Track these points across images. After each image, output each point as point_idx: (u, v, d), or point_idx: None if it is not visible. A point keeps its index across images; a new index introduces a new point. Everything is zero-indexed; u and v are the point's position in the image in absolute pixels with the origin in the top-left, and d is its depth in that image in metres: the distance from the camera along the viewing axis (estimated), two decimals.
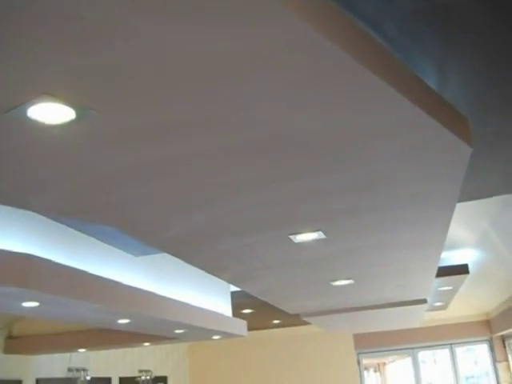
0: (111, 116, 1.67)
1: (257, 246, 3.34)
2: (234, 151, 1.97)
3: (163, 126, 1.75)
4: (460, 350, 11.27)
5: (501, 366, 10.33)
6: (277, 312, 7.58)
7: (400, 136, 1.89)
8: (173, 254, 3.38)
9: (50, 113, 1.63)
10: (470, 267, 6.66)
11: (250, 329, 6.88)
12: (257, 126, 1.78)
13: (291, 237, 3.17)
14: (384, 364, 14.49)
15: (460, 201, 3.35)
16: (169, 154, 1.96)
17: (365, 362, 11.28)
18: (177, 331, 5.34)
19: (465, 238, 6.20)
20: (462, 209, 4.86)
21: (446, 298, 8.28)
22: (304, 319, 7.24)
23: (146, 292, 4.20)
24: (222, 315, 5.64)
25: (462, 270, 6.56)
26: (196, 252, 3.32)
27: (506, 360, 10.32)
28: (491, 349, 10.62)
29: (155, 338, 5.96)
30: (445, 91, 2.28)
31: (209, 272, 3.94)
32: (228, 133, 1.80)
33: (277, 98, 1.61)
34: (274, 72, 1.50)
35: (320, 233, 3.12)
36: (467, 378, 12.66)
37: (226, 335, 6.13)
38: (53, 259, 3.18)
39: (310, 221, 2.95)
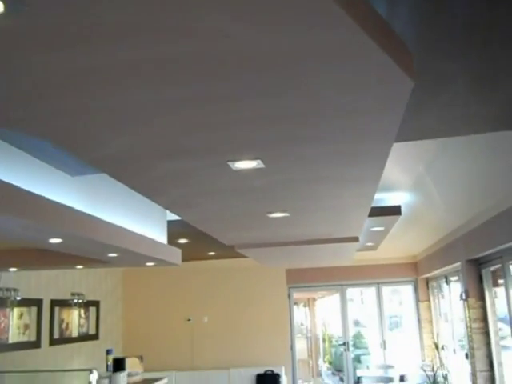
0: (45, 12, 1.57)
1: (194, 171, 3.32)
2: (169, 66, 1.91)
3: (101, 29, 1.66)
4: (386, 291, 11.81)
5: (423, 306, 10.92)
6: (212, 243, 7.66)
7: (340, 61, 1.87)
8: (108, 174, 3.31)
9: None
10: (403, 210, 6.89)
11: (185, 259, 6.94)
12: (196, 39, 1.72)
13: (230, 164, 3.15)
14: (313, 299, 15.04)
15: (397, 141, 3.41)
16: (104, 63, 1.88)
17: (295, 296, 11.67)
18: (110, 255, 5.31)
19: (399, 181, 6.37)
20: (398, 152, 4.97)
21: (377, 239, 8.57)
22: (239, 251, 7.35)
23: (80, 212, 4.13)
24: (156, 242, 5.65)
25: (395, 211, 6.77)
26: (132, 173, 3.26)
27: (428, 300, 10.92)
28: (415, 289, 11.18)
29: (88, 261, 5.92)
30: (390, 23, 2.26)
31: (145, 195, 3.90)
32: (165, 42, 1.74)
33: (221, 8, 1.55)
34: None
35: (259, 161, 3.12)
36: (391, 317, 13.38)
37: (160, 262, 6.16)
38: None
39: (248, 148, 2.93)
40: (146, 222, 5.47)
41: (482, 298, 7.14)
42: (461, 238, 7.35)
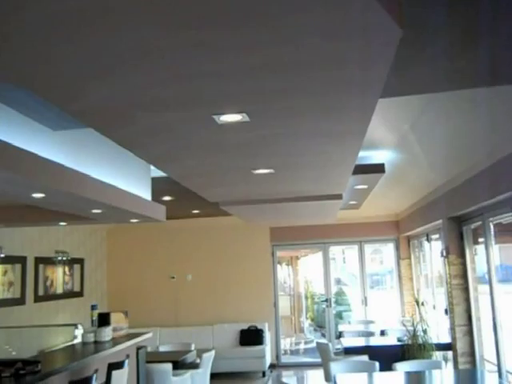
0: None
1: (178, 124, 3.29)
2: (151, 9, 1.86)
3: None
4: (368, 251, 11.98)
5: (403, 263, 11.11)
6: (197, 201, 7.68)
7: (326, 7, 1.84)
8: (90, 126, 3.27)
9: None
10: (386, 168, 6.92)
11: (169, 218, 6.95)
12: None
13: (215, 117, 3.13)
14: (297, 258, 15.20)
15: (382, 96, 3.40)
16: (83, 4, 1.83)
17: (279, 255, 11.78)
18: (94, 211, 5.30)
19: (384, 139, 6.38)
20: (383, 109, 4.97)
21: (361, 197, 8.64)
22: (223, 208, 7.37)
23: (63, 166, 4.10)
24: (141, 198, 5.64)
25: (378, 169, 6.80)
26: (114, 126, 3.22)
27: (409, 258, 11.10)
28: (397, 248, 11.35)
29: (72, 218, 5.91)
30: None
31: (129, 149, 3.87)
32: None
33: None
34: None
35: (244, 115, 3.10)
36: (372, 276, 13.63)
37: (144, 219, 6.17)
38: None
39: (233, 101, 2.91)
40: (129, 178, 5.45)
41: (463, 255, 7.27)
42: (443, 196, 7.43)
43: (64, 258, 8.95)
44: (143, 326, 9.64)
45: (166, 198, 7.81)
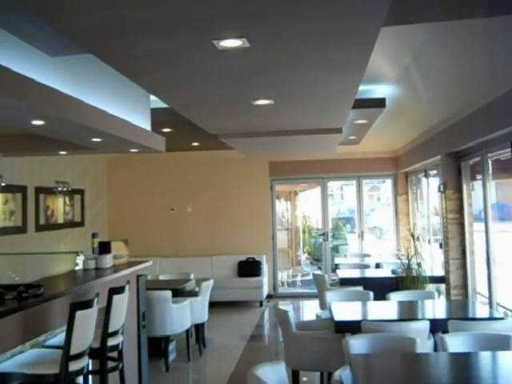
0: None
1: (179, 49, 3.25)
2: None
3: None
4: (365, 189, 12.08)
5: (401, 199, 11.22)
6: (196, 133, 7.66)
7: None
8: (90, 51, 3.24)
9: None
10: (387, 103, 6.88)
11: (168, 150, 6.93)
12: None
13: (215, 42, 3.09)
14: (295, 193, 15.32)
15: (385, 25, 3.34)
16: None
17: (277, 189, 11.87)
18: (94, 140, 5.31)
19: (385, 73, 6.31)
20: (385, 41, 4.89)
21: (360, 132, 8.62)
22: (223, 141, 7.37)
23: (62, 93, 4.07)
24: (140, 128, 5.63)
25: (379, 103, 6.76)
26: (113, 50, 3.19)
27: (406, 194, 11.20)
28: (394, 184, 11.42)
29: (72, 147, 5.92)
30: None
31: (128, 76, 3.84)
32: None
33: None
34: None
35: (244, 40, 3.06)
36: (369, 212, 13.82)
37: (143, 149, 6.17)
38: None
39: (233, 25, 2.87)
40: (129, 108, 5.42)
41: (459, 191, 7.33)
42: (442, 132, 7.42)
43: (64, 189, 9.02)
44: (143, 256, 9.79)
45: (166, 130, 7.78)
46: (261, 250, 10.91)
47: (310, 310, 9.57)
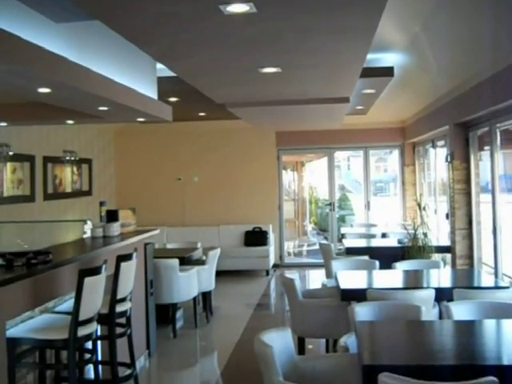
0: None
1: (185, 14, 3.22)
2: None
3: None
4: (372, 160, 12.05)
5: (407, 170, 11.19)
6: (203, 103, 7.63)
7: None
8: (95, 16, 3.21)
9: None
10: (395, 72, 6.81)
11: (175, 119, 6.89)
12: None
13: (221, 7, 3.06)
14: (302, 164, 15.31)
15: None
16: None
17: (284, 160, 11.85)
18: (100, 108, 5.29)
19: (394, 41, 6.23)
20: (395, 8, 4.81)
21: (368, 102, 8.56)
22: (229, 110, 7.34)
23: (68, 61, 4.05)
24: (147, 96, 5.60)
25: (387, 72, 6.70)
26: (121, 15, 3.16)
27: (413, 164, 11.16)
28: (402, 154, 11.37)
29: (79, 116, 5.91)
30: None
31: (134, 43, 3.81)
32: None
33: None
34: None
35: (251, 4, 3.02)
36: (376, 183, 13.82)
37: (150, 118, 6.16)
38: None
39: None
40: (135, 77, 5.39)
41: (467, 161, 7.29)
42: (450, 102, 7.35)
43: (72, 158, 9.04)
44: (150, 225, 9.85)
45: (173, 99, 7.75)
46: (267, 220, 10.95)
47: (315, 280, 9.65)
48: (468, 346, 3.17)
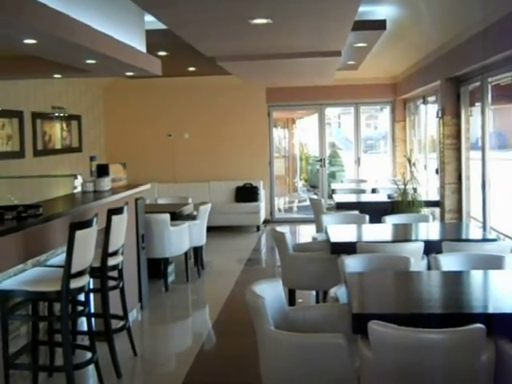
0: None
1: None
2: None
3: None
4: (363, 116, 12.00)
5: (398, 126, 11.17)
6: (192, 57, 7.51)
7: None
8: None
9: None
10: (387, 25, 6.71)
11: (164, 75, 6.78)
12: None
13: None
14: (292, 121, 15.24)
15: None
16: None
17: (275, 117, 11.78)
18: (88, 61, 5.20)
19: None
20: None
21: (359, 57, 8.47)
22: (219, 64, 7.24)
23: (54, 10, 3.94)
24: (135, 49, 5.50)
25: (380, 25, 6.60)
26: None
27: (404, 120, 11.14)
28: (392, 110, 11.33)
29: (66, 69, 5.82)
30: None
31: None
32: None
33: None
34: None
35: None
36: (366, 140, 13.82)
37: (139, 71, 6.06)
38: None
39: None
40: (123, 28, 5.27)
41: (458, 116, 7.28)
42: (442, 57, 7.29)
43: (61, 114, 8.93)
44: (141, 181, 9.85)
45: (162, 53, 7.62)
46: (258, 176, 10.95)
47: (306, 235, 9.73)
48: (456, 295, 3.23)
